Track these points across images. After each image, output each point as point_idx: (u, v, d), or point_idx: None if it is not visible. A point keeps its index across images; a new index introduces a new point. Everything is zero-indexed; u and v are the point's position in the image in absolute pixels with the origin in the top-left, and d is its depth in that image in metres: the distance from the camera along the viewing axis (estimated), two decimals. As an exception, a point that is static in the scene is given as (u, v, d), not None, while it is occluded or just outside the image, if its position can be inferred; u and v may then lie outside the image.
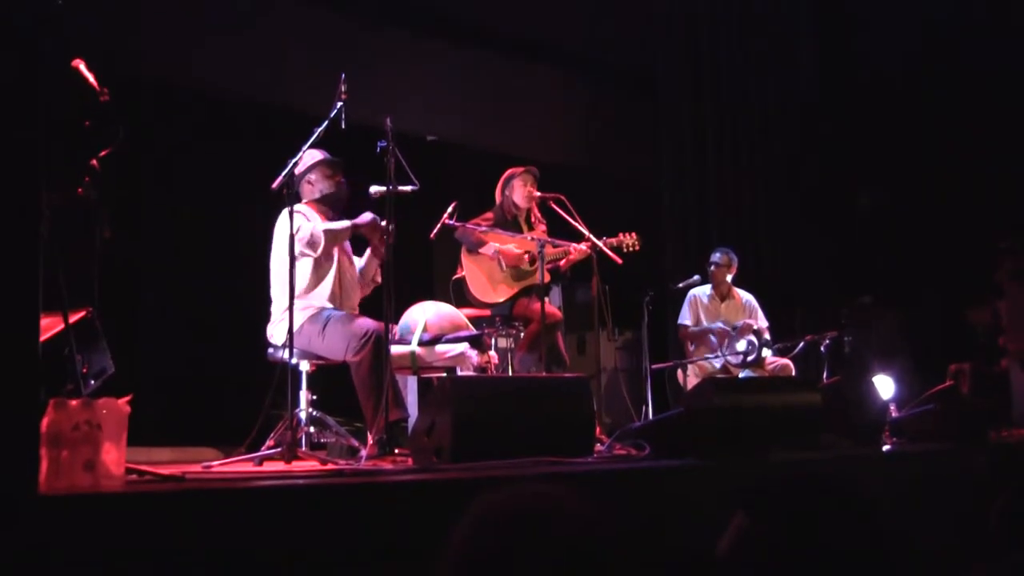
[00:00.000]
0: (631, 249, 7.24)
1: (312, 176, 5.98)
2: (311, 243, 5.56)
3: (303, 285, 5.71)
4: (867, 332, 9.03)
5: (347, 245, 6.12)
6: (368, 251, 6.10)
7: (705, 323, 8.53)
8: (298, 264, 5.49)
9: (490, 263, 7.25)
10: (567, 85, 10.40)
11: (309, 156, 5.92)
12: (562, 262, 7.27)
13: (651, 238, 7.90)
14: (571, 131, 10.34)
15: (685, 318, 8.62)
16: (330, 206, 5.97)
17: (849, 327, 8.42)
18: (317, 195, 5.99)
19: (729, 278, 8.66)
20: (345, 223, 5.80)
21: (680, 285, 8.51)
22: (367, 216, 5.81)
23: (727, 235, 10.06)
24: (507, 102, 9.79)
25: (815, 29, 10.75)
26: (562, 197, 7.09)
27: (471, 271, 7.26)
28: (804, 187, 10.54)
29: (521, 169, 7.36)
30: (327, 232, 5.66)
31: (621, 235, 7.27)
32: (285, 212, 5.53)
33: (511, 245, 7.23)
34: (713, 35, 10.62)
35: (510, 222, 7.34)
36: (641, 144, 10.67)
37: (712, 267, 8.65)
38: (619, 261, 6.83)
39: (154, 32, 7.49)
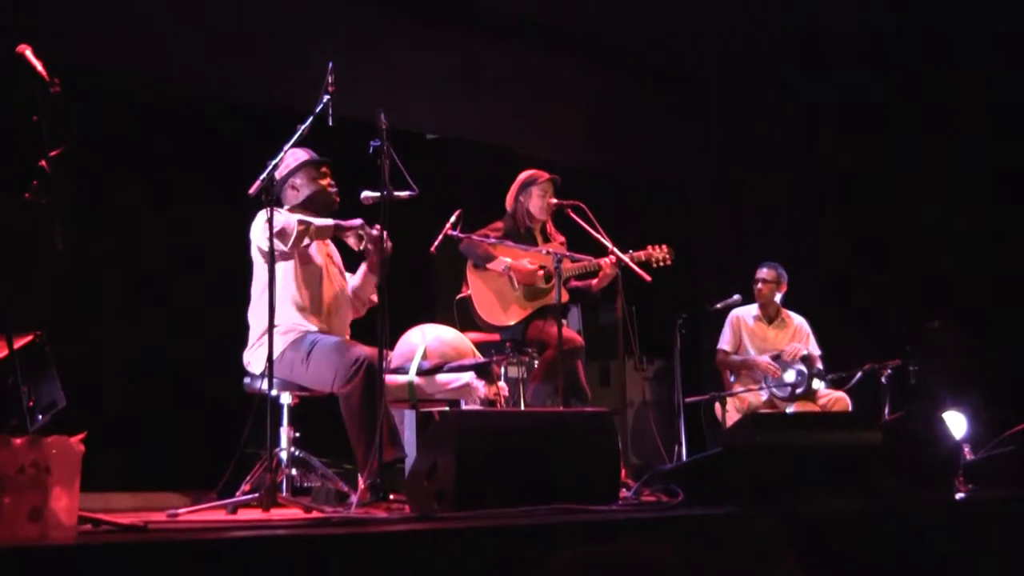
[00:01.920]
0: (661, 264, 7.21)
1: (296, 180, 5.98)
2: (281, 233, 5.52)
3: (285, 303, 5.69)
4: (935, 361, 8.99)
5: (336, 258, 6.11)
6: (362, 267, 6.09)
7: (750, 349, 8.51)
8: (279, 278, 5.47)
9: (500, 280, 7.24)
10: (587, 77, 10.40)
11: (292, 157, 5.92)
12: (595, 280, 7.24)
13: (684, 251, 7.89)
14: (592, 129, 10.33)
15: (725, 343, 8.61)
16: (314, 212, 5.95)
17: (914, 355, 8.38)
18: (300, 200, 5.99)
19: (778, 297, 8.65)
20: (327, 220, 5.79)
21: (719, 306, 8.49)
22: (355, 220, 5.80)
23: (772, 248, 10.02)
24: (520, 96, 9.79)
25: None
26: (581, 205, 7.07)
27: (478, 289, 7.25)
28: (860, 192, 10.51)
29: (543, 176, 7.34)
30: (301, 223, 5.63)
31: (650, 248, 7.24)
32: (261, 214, 5.53)
33: (524, 260, 7.22)
34: (753, 22, 10.63)
35: (523, 234, 7.33)
36: (671, 144, 10.66)
37: (758, 284, 8.64)
38: (647, 278, 6.80)
39: (112, 17, 7.50)
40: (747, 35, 10.66)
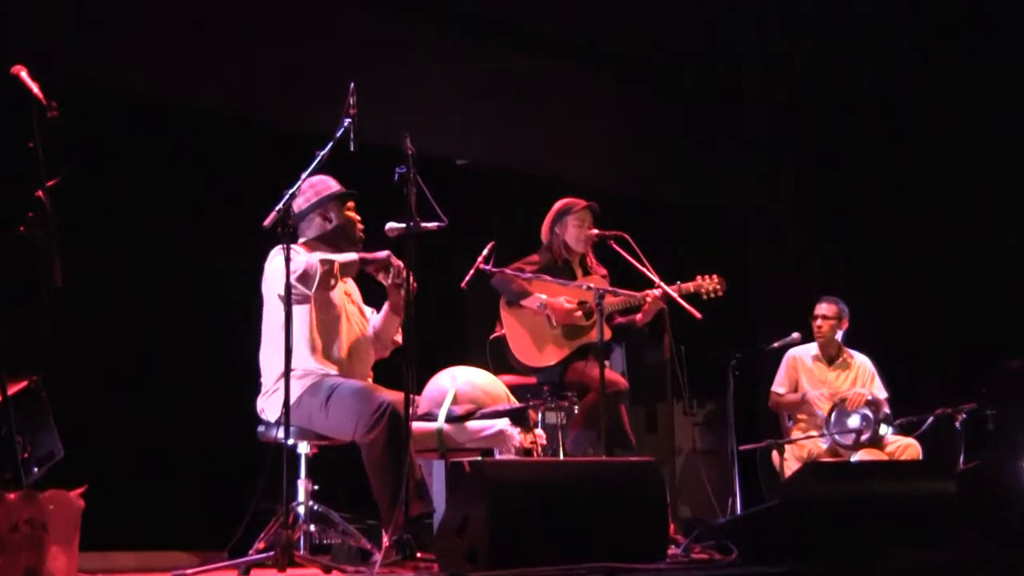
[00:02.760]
0: (712, 295, 7.20)
1: (318, 212, 5.99)
2: (303, 277, 5.52)
3: (301, 345, 5.68)
4: (1015, 404, 8.91)
5: (356, 295, 6.12)
6: (384, 306, 6.09)
7: (808, 391, 8.46)
8: (296, 318, 5.47)
9: (536, 318, 7.23)
10: (632, 98, 10.42)
11: (312, 186, 5.93)
12: (639, 315, 7.23)
13: (737, 284, 7.86)
14: (636, 154, 10.35)
15: (779, 384, 8.58)
16: (335, 246, 5.95)
17: (992, 398, 8.32)
18: (320, 233, 5.99)
19: (839, 335, 8.61)
20: (351, 255, 5.79)
21: (776, 345, 8.45)
22: (383, 253, 5.81)
23: (835, 281, 9.99)
24: (558, 118, 9.82)
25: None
26: (624, 235, 7.08)
27: (512, 328, 7.24)
28: (932, 223, 10.47)
29: (579, 204, 7.36)
30: (324, 263, 5.62)
31: (699, 278, 7.23)
32: (276, 250, 5.52)
33: (562, 298, 7.20)
34: (814, 31, 10.62)
35: (561, 267, 7.33)
36: (726, 169, 10.66)
37: (817, 321, 8.60)
38: (697, 315, 6.78)
39: (117, 33, 7.55)
40: (811, 54, 10.65)
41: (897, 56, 10.34)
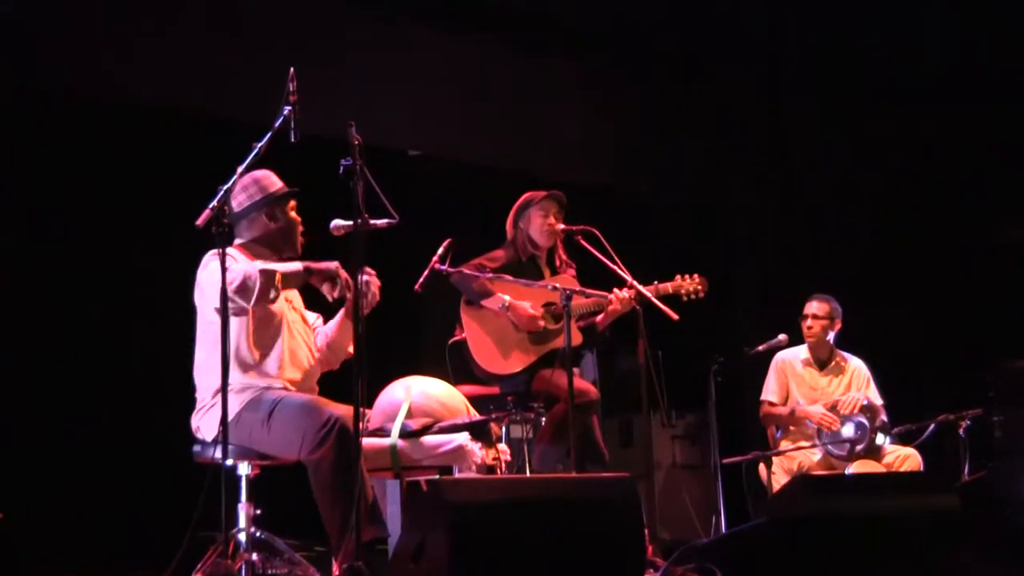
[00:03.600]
0: (692, 297, 7.22)
1: (266, 209, 5.95)
2: (241, 289, 5.46)
3: (238, 358, 5.67)
4: (1024, 409, 8.97)
5: (297, 302, 6.08)
6: (340, 314, 6.07)
7: (798, 398, 8.48)
8: (233, 328, 5.45)
9: (499, 321, 7.23)
10: (603, 82, 10.43)
11: (250, 183, 5.89)
12: (599, 317, 7.26)
13: (719, 283, 7.89)
14: (609, 143, 10.37)
15: (770, 392, 8.58)
16: (273, 249, 5.93)
17: (999, 403, 8.36)
18: (259, 235, 5.96)
19: (831, 337, 8.62)
20: (294, 264, 5.74)
21: (761, 348, 8.46)
22: (331, 263, 5.76)
23: (825, 278, 10.02)
24: (521, 103, 9.82)
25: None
26: (594, 230, 7.09)
27: (473, 332, 7.24)
28: (931, 215, 10.52)
29: (540, 194, 7.37)
30: (265, 273, 5.57)
31: (679, 278, 7.26)
32: (211, 255, 5.50)
33: (527, 303, 7.21)
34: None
35: (526, 265, 7.34)
36: (702, 156, 10.68)
37: (807, 321, 8.61)
38: (675, 317, 6.79)
39: (40, 30, 7.55)
40: (798, 35, 10.71)
41: (894, 42, 10.41)
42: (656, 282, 7.15)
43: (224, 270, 5.15)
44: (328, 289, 5.70)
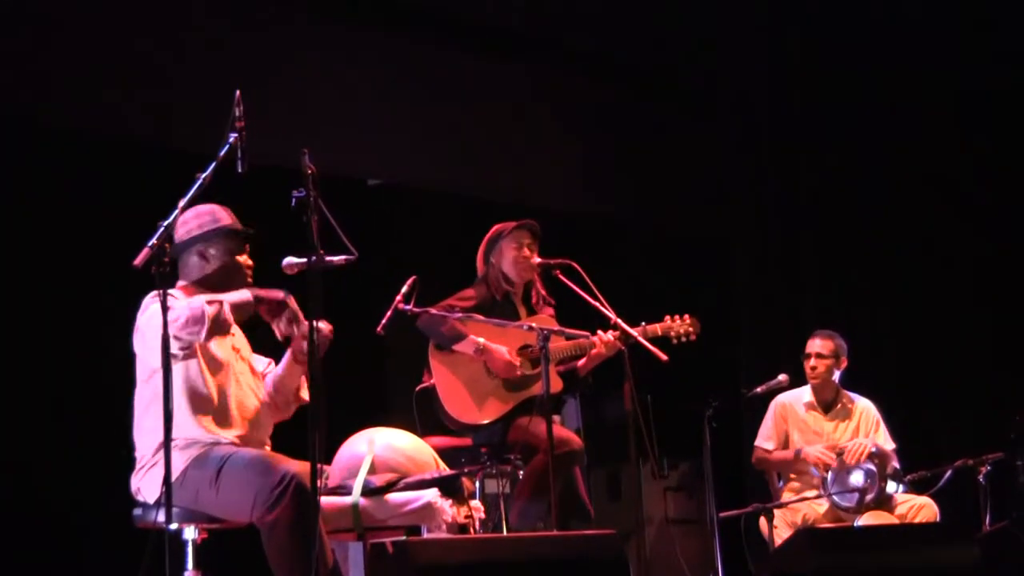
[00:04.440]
0: (683, 340, 7.22)
1: (210, 248, 5.90)
2: (190, 323, 5.43)
3: (183, 410, 5.64)
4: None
5: (247, 351, 6.05)
6: (286, 355, 6.05)
7: (800, 446, 8.48)
8: (176, 377, 5.44)
9: (472, 366, 7.23)
10: (587, 103, 10.45)
11: (195, 217, 5.87)
12: (581, 361, 7.25)
13: (714, 321, 7.90)
14: (586, 165, 10.37)
15: (764, 438, 8.56)
16: (218, 290, 5.91)
17: (1021, 446, 8.38)
18: (208, 274, 5.93)
19: (836, 376, 8.62)
20: (241, 293, 5.71)
21: (760, 390, 8.47)
22: (277, 291, 5.74)
23: (830, 313, 10.06)
24: (497, 127, 9.82)
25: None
26: (573, 264, 7.10)
27: (443, 378, 7.23)
28: (948, 244, 10.56)
29: (511, 225, 7.37)
30: (212, 303, 5.53)
31: (668, 319, 7.27)
32: (150, 298, 5.49)
33: (504, 348, 7.20)
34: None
35: (500, 303, 7.35)
36: (696, 182, 10.72)
37: (810, 360, 8.60)
38: (664, 358, 6.80)
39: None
40: (802, 61, 10.79)
41: (897, 65, 10.49)
42: (643, 323, 7.14)
43: (165, 310, 5.12)
44: (276, 324, 5.69)
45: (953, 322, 10.42)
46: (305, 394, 6.06)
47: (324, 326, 5.64)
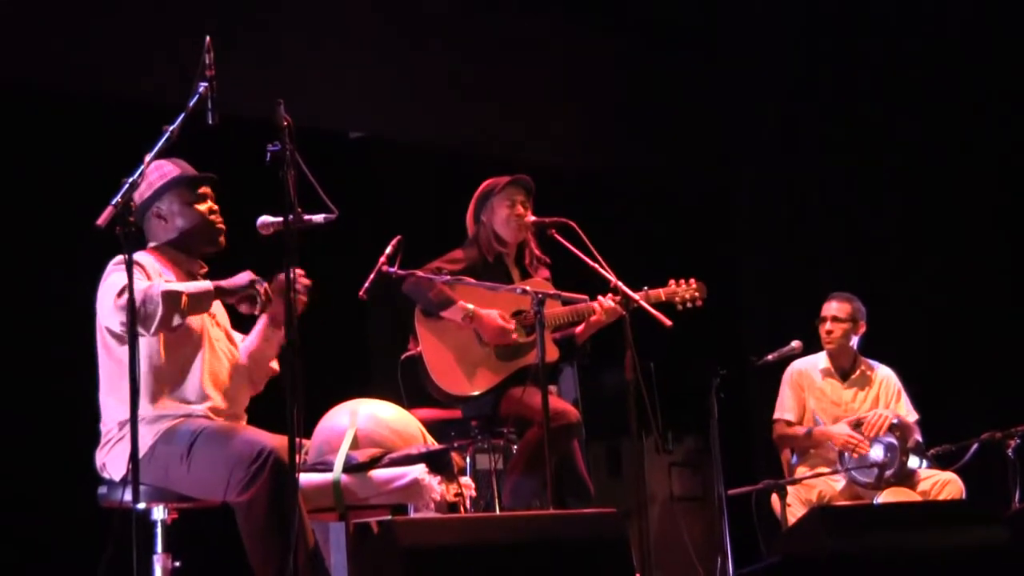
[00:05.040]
0: (688, 306, 7.22)
1: (163, 206, 5.89)
2: (140, 313, 5.40)
3: (151, 381, 5.64)
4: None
5: (223, 316, 6.03)
6: (261, 320, 6.03)
7: (818, 416, 8.48)
8: (143, 346, 5.43)
9: (461, 333, 7.23)
10: (581, 48, 10.43)
11: (156, 173, 5.86)
12: (578, 328, 7.25)
13: (721, 285, 7.91)
14: (583, 117, 10.36)
15: (786, 409, 8.57)
16: (189, 251, 5.91)
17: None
18: (173, 234, 5.92)
19: (854, 342, 8.63)
20: (202, 284, 5.69)
21: (772, 357, 8.47)
22: (242, 276, 5.72)
23: (847, 274, 10.05)
24: (481, 72, 9.81)
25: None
26: (570, 223, 7.08)
27: (431, 346, 7.23)
28: (973, 197, 10.55)
29: (503, 180, 7.36)
30: (168, 296, 5.51)
31: (672, 283, 7.27)
32: (113, 266, 5.49)
33: (495, 312, 7.20)
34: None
35: (492, 265, 7.34)
36: (696, 133, 10.71)
37: (826, 325, 8.59)
38: (668, 323, 6.80)
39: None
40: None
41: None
42: (646, 288, 7.14)
43: (131, 278, 5.10)
44: (247, 308, 5.68)
45: (980, 283, 10.39)
46: (275, 364, 6.06)
47: (301, 281, 5.63)
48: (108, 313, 5.41)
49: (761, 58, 11.04)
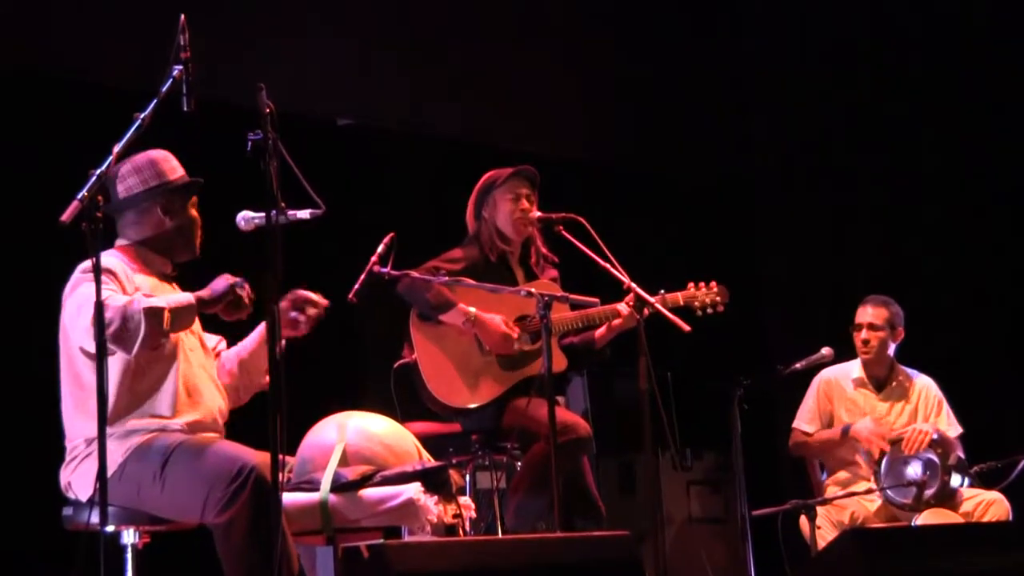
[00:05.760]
0: (709, 312, 7.23)
1: (149, 204, 5.89)
2: (120, 334, 5.37)
3: (121, 392, 5.64)
4: None
5: (196, 324, 6.03)
6: (259, 328, 6.03)
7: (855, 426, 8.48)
8: (109, 359, 5.43)
9: (461, 339, 7.24)
10: (591, 30, 10.44)
11: (145, 165, 5.85)
12: (599, 331, 7.26)
13: (745, 288, 7.91)
14: (595, 104, 10.37)
15: (804, 418, 8.55)
16: (165, 252, 5.91)
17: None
18: (149, 233, 5.92)
19: (892, 349, 8.62)
20: (183, 296, 5.68)
21: (800, 365, 8.47)
22: (220, 282, 5.72)
23: (881, 275, 10.06)
24: (481, 55, 9.81)
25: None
26: (579, 219, 7.09)
27: (428, 354, 7.24)
28: (1011, 194, 10.57)
29: (507, 172, 7.36)
30: (151, 313, 5.49)
31: (691, 286, 7.27)
32: (81, 275, 5.49)
33: (498, 317, 7.20)
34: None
35: (495, 265, 7.35)
36: (714, 121, 10.72)
37: (862, 332, 8.58)
38: (686, 328, 6.80)
39: None
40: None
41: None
42: (662, 291, 7.14)
43: (99, 281, 5.09)
44: (232, 314, 5.69)
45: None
46: (267, 379, 6.06)
47: (320, 303, 5.70)
48: (82, 333, 5.41)
49: (789, 47, 11.04)
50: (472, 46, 9.75)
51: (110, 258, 5.66)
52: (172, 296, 5.62)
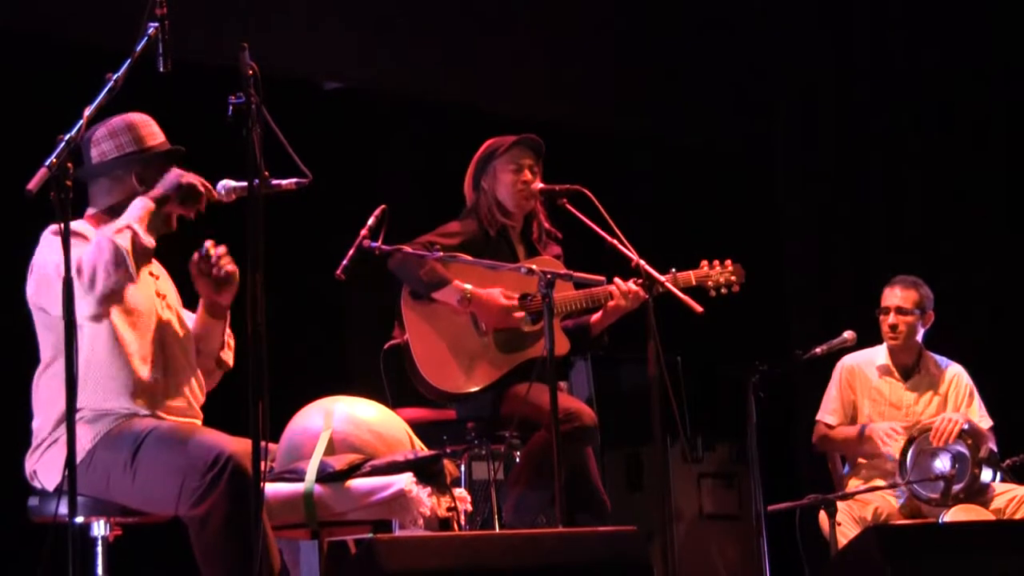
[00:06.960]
0: (723, 292, 7.23)
1: (121, 171, 5.89)
2: (112, 265, 5.36)
3: (92, 373, 5.64)
4: None
5: (174, 297, 6.02)
6: (199, 308, 6.01)
7: (874, 421, 8.47)
8: (85, 333, 5.43)
9: (456, 320, 7.25)
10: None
11: (123, 129, 5.85)
12: (594, 316, 7.26)
13: (762, 267, 7.90)
14: (604, 67, 10.37)
15: (828, 410, 8.54)
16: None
17: None
18: (120, 198, 5.89)
19: (920, 335, 8.61)
20: (138, 206, 5.59)
21: (820, 351, 8.46)
22: (169, 177, 5.66)
23: (908, 255, 10.06)
24: (482, 13, 9.81)
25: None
26: (586, 192, 7.08)
27: (420, 335, 7.24)
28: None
29: (508, 140, 7.35)
30: (122, 231, 5.45)
31: (705, 265, 7.27)
32: (50, 235, 5.49)
33: (497, 291, 7.20)
34: None
35: (493, 241, 7.34)
36: (742, 96, 10.72)
37: (889, 317, 8.56)
38: (699, 309, 6.79)
39: None
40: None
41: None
42: (673, 270, 7.14)
43: (68, 252, 5.08)
44: (193, 207, 5.66)
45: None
46: (228, 356, 6.05)
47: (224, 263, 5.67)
48: (52, 296, 5.40)
49: (817, 19, 11.02)
50: (473, 2, 9.74)
51: (80, 225, 5.65)
52: (128, 215, 5.56)
